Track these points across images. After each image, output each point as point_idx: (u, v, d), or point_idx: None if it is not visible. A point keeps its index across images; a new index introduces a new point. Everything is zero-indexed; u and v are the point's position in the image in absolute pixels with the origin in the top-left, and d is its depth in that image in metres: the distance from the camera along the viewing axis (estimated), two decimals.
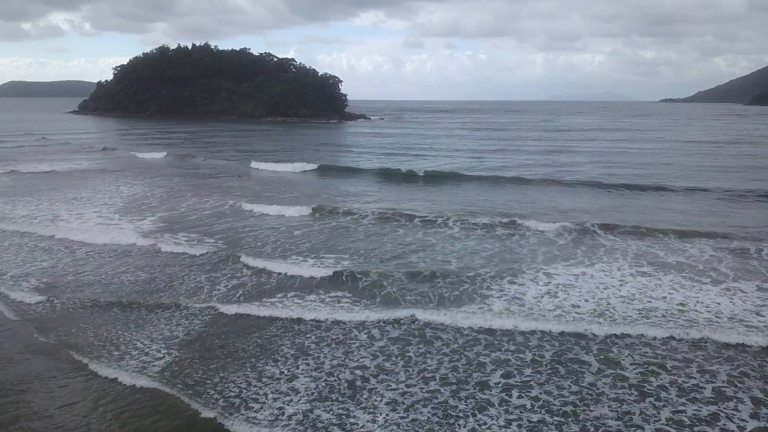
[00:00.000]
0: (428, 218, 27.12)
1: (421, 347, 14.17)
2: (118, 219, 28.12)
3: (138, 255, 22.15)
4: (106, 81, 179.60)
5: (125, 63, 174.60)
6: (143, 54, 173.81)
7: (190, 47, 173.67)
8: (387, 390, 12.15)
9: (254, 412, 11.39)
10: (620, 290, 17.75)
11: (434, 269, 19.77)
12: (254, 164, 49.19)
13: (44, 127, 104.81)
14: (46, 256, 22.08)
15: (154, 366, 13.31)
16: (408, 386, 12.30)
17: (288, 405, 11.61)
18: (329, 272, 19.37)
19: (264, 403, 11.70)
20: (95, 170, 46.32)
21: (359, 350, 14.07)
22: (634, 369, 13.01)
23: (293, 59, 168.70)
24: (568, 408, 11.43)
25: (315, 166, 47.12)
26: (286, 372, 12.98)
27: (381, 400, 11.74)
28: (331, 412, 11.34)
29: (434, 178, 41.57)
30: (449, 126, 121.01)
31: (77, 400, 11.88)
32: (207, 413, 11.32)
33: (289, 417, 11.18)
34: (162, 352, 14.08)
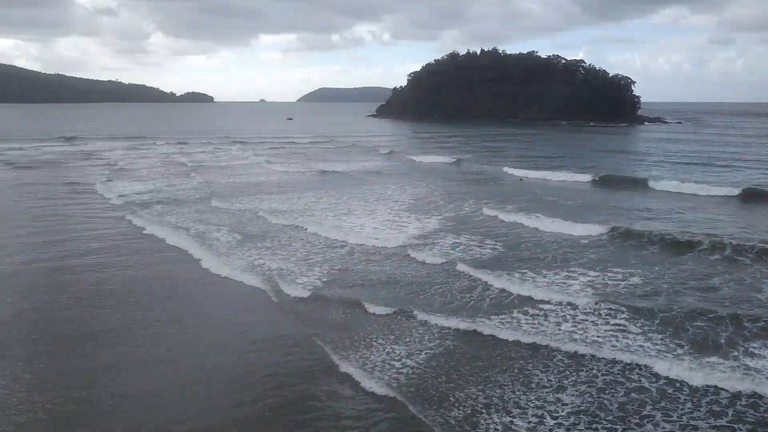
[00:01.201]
0: (739, 244, 22.58)
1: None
2: (394, 221, 29.99)
3: (410, 259, 21.88)
4: (401, 87, 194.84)
5: (418, 70, 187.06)
6: (435, 60, 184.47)
7: (478, 52, 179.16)
8: (665, 420, 10.99)
9: (511, 417, 11.20)
10: None
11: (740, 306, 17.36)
12: (533, 172, 47.46)
13: (349, 130, 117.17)
14: (327, 252, 22.90)
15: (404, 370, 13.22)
16: (692, 418, 10.98)
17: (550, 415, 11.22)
18: (614, 301, 17.82)
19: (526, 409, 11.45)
20: (376, 173, 48.39)
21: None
22: None
23: (582, 60, 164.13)
24: None
25: (600, 176, 43.54)
26: (553, 381, 12.57)
27: (656, 429, 10.66)
28: None
29: (749, 195, 34.90)
30: (762, 132, 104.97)
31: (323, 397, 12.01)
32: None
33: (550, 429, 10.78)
34: (420, 354, 14.47)
